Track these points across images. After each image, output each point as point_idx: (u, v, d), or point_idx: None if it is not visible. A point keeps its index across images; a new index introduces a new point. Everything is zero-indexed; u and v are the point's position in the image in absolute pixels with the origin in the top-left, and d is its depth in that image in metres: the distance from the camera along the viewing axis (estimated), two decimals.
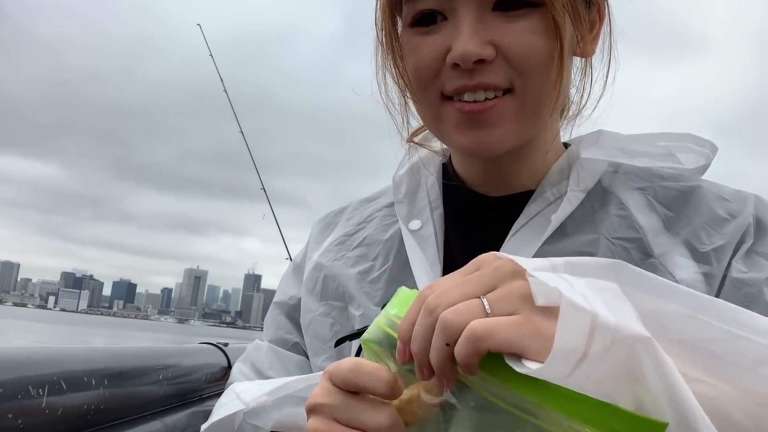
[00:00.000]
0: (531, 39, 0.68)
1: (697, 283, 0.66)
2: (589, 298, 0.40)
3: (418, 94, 0.75)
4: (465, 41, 0.67)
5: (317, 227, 0.96)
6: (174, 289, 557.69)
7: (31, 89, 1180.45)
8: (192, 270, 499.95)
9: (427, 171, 0.87)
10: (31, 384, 0.77)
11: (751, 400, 0.40)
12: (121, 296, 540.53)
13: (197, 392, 1.35)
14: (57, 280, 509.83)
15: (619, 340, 0.38)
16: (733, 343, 0.41)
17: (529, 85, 0.70)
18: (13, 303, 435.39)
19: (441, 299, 0.45)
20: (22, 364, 0.79)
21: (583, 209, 0.74)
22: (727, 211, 0.70)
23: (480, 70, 0.68)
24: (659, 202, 0.73)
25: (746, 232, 0.69)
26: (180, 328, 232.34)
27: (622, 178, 0.77)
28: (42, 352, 0.86)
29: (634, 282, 0.43)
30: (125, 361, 1.05)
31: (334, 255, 0.87)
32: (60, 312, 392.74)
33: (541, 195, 0.76)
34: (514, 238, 0.73)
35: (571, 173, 0.75)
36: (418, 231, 0.81)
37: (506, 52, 0.68)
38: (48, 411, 0.79)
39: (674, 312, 0.42)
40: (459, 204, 0.83)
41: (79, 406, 0.86)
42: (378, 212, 0.90)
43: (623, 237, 0.71)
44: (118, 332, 56.71)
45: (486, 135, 0.70)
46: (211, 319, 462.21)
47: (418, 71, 0.73)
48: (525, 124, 0.72)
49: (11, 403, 0.73)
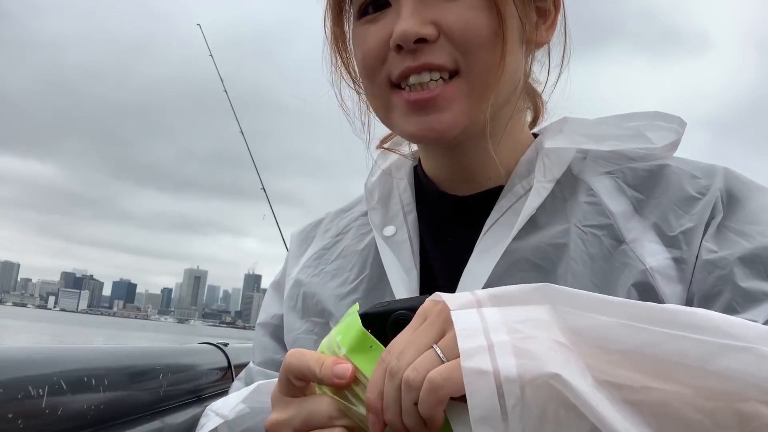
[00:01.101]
0: (472, 15, 0.68)
1: (668, 269, 0.65)
2: (495, 346, 0.41)
3: (367, 85, 0.75)
4: (404, 21, 0.67)
5: (295, 241, 0.94)
6: (174, 289, 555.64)
7: (29, 88, 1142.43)
8: (192, 270, 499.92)
9: (399, 176, 0.86)
10: (31, 384, 0.77)
11: (703, 395, 0.40)
12: (121, 296, 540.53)
13: (197, 392, 1.35)
14: (57, 280, 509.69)
15: (528, 384, 0.39)
16: (674, 343, 0.41)
17: (474, 63, 0.69)
18: (13, 303, 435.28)
19: (400, 360, 0.45)
20: (22, 364, 0.79)
21: (554, 199, 0.73)
22: (696, 189, 0.69)
23: (423, 50, 0.68)
24: (628, 184, 0.72)
25: (715, 207, 0.67)
26: (180, 328, 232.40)
27: (590, 163, 0.76)
28: (42, 352, 0.86)
29: (564, 301, 0.44)
30: (125, 361, 1.05)
31: (313, 270, 0.86)
32: (60, 312, 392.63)
33: (510, 189, 0.75)
34: (486, 236, 0.72)
35: (537, 164, 0.74)
36: (393, 237, 0.80)
37: (448, 30, 0.68)
38: (48, 411, 0.79)
39: (610, 323, 0.42)
40: (432, 206, 0.82)
41: (79, 406, 0.86)
42: (354, 222, 0.89)
43: (594, 224, 0.70)
44: (118, 332, 56.73)
45: (434, 120, 0.70)
46: (211, 319, 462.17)
47: (365, 60, 0.73)
48: (475, 106, 0.71)
49: (11, 403, 0.73)
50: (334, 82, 0.81)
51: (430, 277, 0.77)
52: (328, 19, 0.78)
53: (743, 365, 0.40)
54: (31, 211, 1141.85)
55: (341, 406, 0.50)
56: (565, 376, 0.39)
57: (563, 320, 0.43)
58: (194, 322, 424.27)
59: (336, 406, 0.50)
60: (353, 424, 0.50)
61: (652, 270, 0.65)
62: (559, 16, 0.77)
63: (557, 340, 0.42)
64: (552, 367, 0.39)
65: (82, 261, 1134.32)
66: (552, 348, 0.41)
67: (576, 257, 0.68)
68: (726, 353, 0.41)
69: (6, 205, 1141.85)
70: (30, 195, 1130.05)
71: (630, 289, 0.64)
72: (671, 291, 0.64)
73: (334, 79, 0.81)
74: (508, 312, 0.44)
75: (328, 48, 0.80)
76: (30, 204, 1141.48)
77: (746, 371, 0.40)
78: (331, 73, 0.81)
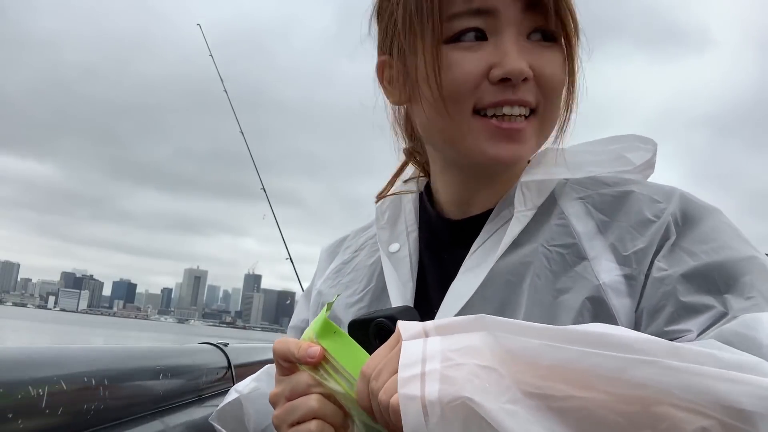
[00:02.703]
0: (556, 67, 0.79)
1: (619, 285, 0.72)
2: (426, 375, 0.51)
3: (450, 107, 0.78)
4: (516, 60, 0.75)
5: (324, 255, 1.06)
6: (174, 289, 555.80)
7: (27, 87, 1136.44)
8: (192, 270, 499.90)
9: (406, 200, 0.96)
10: (31, 384, 0.77)
11: (619, 401, 0.47)
12: (121, 296, 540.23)
13: (197, 392, 1.35)
14: (57, 280, 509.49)
15: (446, 405, 0.49)
16: (591, 359, 0.49)
17: (548, 107, 0.80)
18: (13, 303, 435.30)
19: (377, 382, 0.56)
20: (22, 364, 0.79)
21: (535, 223, 0.81)
22: (653, 213, 0.75)
23: (520, 87, 0.77)
24: (596, 208, 0.79)
25: (668, 229, 0.73)
26: (180, 328, 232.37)
27: (568, 189, 0.83)
28: (42, 352, 0.86)
29: (499, 328, 0.52)
30: (125, 361, 1.05)
31: (332, 282, 0.97)
32: (60, 312, 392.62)
33: (498, 215, 0.84)
34: (473, 256, 0.81)
35: (516, 195, 0.81)
36: (396, 253, 0.90)
37: (539, 74, 0.77)
38: (48, 411, 0.79)
39: (537, 344, 0.51)
40: (431, 228, 0.91)
41: (79, 406, 0.87)
42: (369, 240, 0.99)
43: (560, 243, 0.77)
44: (117, 332, 56.69)
45: (516, 149, 0.79)
46: (211, 319, 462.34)
47: (459, 84, 0.77)
48: (538, 144, 0.82)
49: (11, 403, 0.73)
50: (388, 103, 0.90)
51: (424, 290, 0.86)
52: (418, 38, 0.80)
53: (652, 375, 0.47)
54: (31, 211, 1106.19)
55: (317, 379, 0.64)
56: (477, 398, 0.48)
57: (498, 343, 0.51)
58: (194, 322, 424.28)
59: (313, 379, 0.64)
60: (327, 392, 0.64)
61: (605, 285, 0.72)
62: None
63: (482, 365, 0.51)
64: (466, 391, 0.49)
65: (82, 261, 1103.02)
66: (473, 373, 0.50)
67: (539, 273, 0.75)
68: (636, 366, 0.48)
69: (5, 205, 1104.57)
70: (29, 195, 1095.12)
71: (584, 302, 0.72)
72: (621, 304, 0.71)
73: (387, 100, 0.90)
74: (448, 340, 0.53)
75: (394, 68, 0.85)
76: (29, 204, 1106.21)
77: (655, 380, 0.47)
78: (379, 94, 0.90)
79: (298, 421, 0.64)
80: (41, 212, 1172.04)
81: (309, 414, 0.63)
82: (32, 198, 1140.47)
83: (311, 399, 0.64)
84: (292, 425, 0.65)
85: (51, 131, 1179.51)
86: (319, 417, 0.63)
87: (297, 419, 0.64)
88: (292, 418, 0.65)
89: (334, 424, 0.63)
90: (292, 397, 0.65)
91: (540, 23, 0.77)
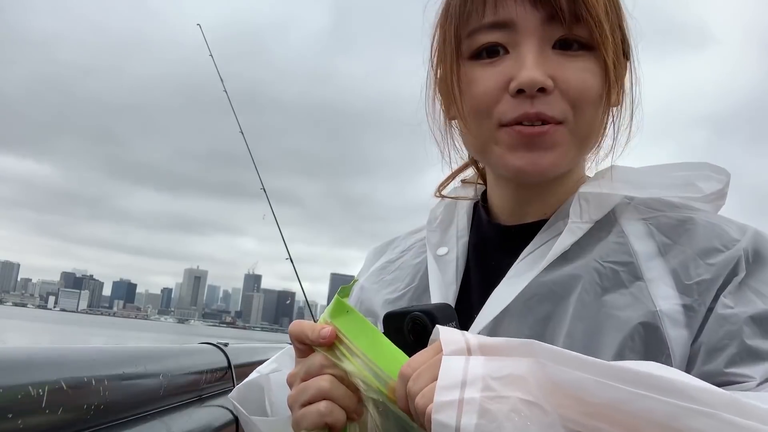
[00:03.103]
0: (586, 77, 0.75)
1: (677, 314, 0.68)
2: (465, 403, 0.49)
3: (475, 122, 0.78)
4: (530, 69, 0.73)
5: (370, 254, 1.06)
6: (174, 289, 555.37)
7: (25, 86, 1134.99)
8: (192, 270, 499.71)
9: (460, 206, 0.95)
10: (31, 384, 0.77)
11: None
12: (121, 296, 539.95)
13: (197, 392, 1.35)
14: (57, 280, 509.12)
15: None
16: (643, 402, 0.46)
17: (579, 119, 0.76)
18: (13, 303, 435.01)
19: (416, 385, 0.55)
20: (22, 364, 0.80)
21: (590, 238, 0.77)
22: (722, 243, 0.72)
23: (540, 99, 0.74)
24: (659, 230, 0.76)
25: (737, 265, 0.69)
26: (180, 328, 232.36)
27: (631, 209, 0.80)
28: (42, 352, 0.86)
29: (547, 356, 0.50)
30: (125, 361, 1.05)
31: (375, 278, 0.97)
32: (60, 312, 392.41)
33: (552, 225, 0.81)
34: (519, 264, 0.78)
35: (572, 206, 0.79)
36: (444, 256, 0.89)
37: (564, 86, 0.74)
38: (48, 411, 0.79)
39: (587, 379, 0.48)
40: (482, 233, 0.90)
41: (79, 406, 0.87)
42: (418, 242, 0.98)
43: (615, 261, 0.74)
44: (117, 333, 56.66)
45: (540, 157, 0.75)
46: (211, 319, 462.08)
47: (479, 100, 0.77)
48: (573, 153, 0.78)
49: (11, 403, 0.73)
50: (429, 113, 0.88)
51: (467, 293, 0.85)
52: (445, 53, 0.81)
53: (708, 428, 0.45)
54: (30, 211, 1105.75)
55: (331, 360, 0.65)
56: None
57: (544, 373, 0.49)
58: (194, 322, 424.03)
59: (326, 360, 0.65)
60: (340, 373, 0.64)
61: (662, 312, 0.68)
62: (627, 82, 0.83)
63: (526, 399, 0.48)
64: (506, 430, 0.47)
65: (82, 261, 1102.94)
66: (515, 410, 0.48)
67: (588, 288, 0.72)
68: (692, 415, 0.45)
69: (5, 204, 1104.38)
70: (28, 194, 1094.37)
71: (637, 326, 0.68)
72: (676, 335, 0.67)
73: (428, 110, 0.88)
74: (491, 364, 0.51)
75: (433, 83, 0.86)
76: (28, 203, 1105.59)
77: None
78: (428, 105, 0.88)
79: (309, 401, 0.64)
80: (41, 212, 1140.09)
81: (319, 394, 0.64)
82: (32, 198, 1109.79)
83: (322, 380, 0.64)
84: (303, 405, 0.65)
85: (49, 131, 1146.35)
86: (330, 398, 0.63)
87: (308, 399, 0.64)
88: (303, 398, 0.65)
89: (346, 406, 0.63)
90: (306, 378, 0.66)
91: (563, 33, 0.75)
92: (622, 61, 0.79)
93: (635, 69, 0.83)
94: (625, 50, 0.81)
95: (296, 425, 0.66)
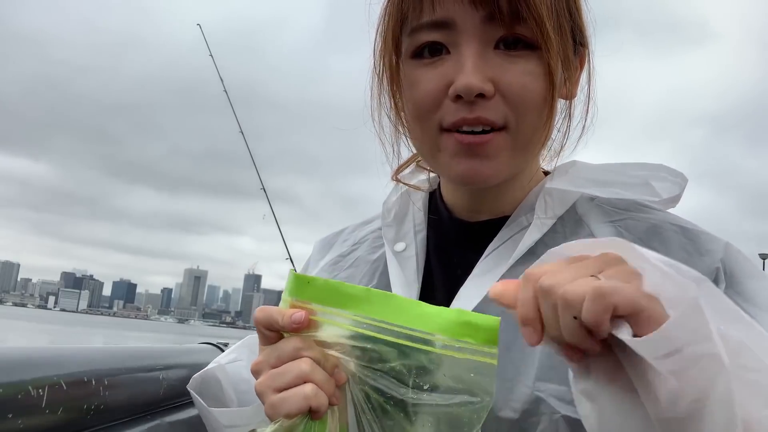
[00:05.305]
0: (528, 80, 0.73)
1: None
2: None
3: (417, 125, 0.77)
4: (469, 75, 0.71)
5: (317, 247, 1.02)
6: (174, 289, 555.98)
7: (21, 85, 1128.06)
8: (192, 270, 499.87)
9: (415, 198, 0.92)
10: (31, 384, 0.77)
11: None
12: (121, 296, 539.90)
13: None
14: (57, 280, 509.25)
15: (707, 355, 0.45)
16: None
17: (522, 123, 0.74)
18: (13, 303, 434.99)
19: (556, 278, 0.49)
20: (22, 364, 0.79)
21: (554, 234, 0.78)
22: (697, 251, 0.72)
23: (479, 104, 0.72)
24: (630, 233, 0.76)
25: (717, 275, 0.70)
26: (180, 328, 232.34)
27: (595, 208, 0.80)
28: (42, 352, 0.86)
29: (712, 302, 0.47)
30: (125, 361, 1.05)
31: (327, 275, 0.93)
32: (60, 312, 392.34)
33: (514, 221, 0.80)
34: (485, 260, 0.78)
35: (538, 202, 0.79)
36: (402, 252, 0.86)
37: (505, 89, 0.72)
38: (48, 411, 0.79)
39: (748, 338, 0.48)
40: (441, 229, 0.88)
41: (79, 406, 0.87)
42: (370, 234, 0.95)
43: None
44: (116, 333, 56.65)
45: (482, 165, 0.74)
46: (211, 319, 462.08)
47: (419, 103, 0.75)
48: (516, 159, 0.76)
49: (11, 403, 0.73)
50: (373, 109, 0.85)
51: (430, 292, 0.82)
52: (384, 52, 0.79)
53: None
54: (29, 210, 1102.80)
55: (308, 341, 0.62)
56: None
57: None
58: (194, 322, 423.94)
59: (302, 342, 0.61)
60: (317, 356, 0.61)
61: None
62: (583, 73, 0.82)
63: None
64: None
65: (82, 261, 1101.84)
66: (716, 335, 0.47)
67: None
68: None
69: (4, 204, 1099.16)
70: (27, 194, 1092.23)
71: None
72: None
73: (374, 107, 0.85)
74: None
75: (377, 81, 0.83)
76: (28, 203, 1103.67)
77: None
78: (373, 103, 0.85)
79: (288, 385, 0.60)
80: (40, 211, 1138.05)
81: (300, 377, 0.60)
82: (31, 197, 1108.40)
83: (303, 362, 0.60)
84: (280, 390, 0.61)
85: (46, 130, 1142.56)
86: (311, 381, 0.60)
87: (287, 383, 0.60)
88: (279, 383, 0.61)
89: (326, 390, 0.60)
90: (278, 364, 0.62)
91: (504, 32, 0.72)
92: (571, 57, 0.77)
93: (592, 60, 0.82)
94: (582, 42, 0.80)
95: (273, 411, 0.61)
